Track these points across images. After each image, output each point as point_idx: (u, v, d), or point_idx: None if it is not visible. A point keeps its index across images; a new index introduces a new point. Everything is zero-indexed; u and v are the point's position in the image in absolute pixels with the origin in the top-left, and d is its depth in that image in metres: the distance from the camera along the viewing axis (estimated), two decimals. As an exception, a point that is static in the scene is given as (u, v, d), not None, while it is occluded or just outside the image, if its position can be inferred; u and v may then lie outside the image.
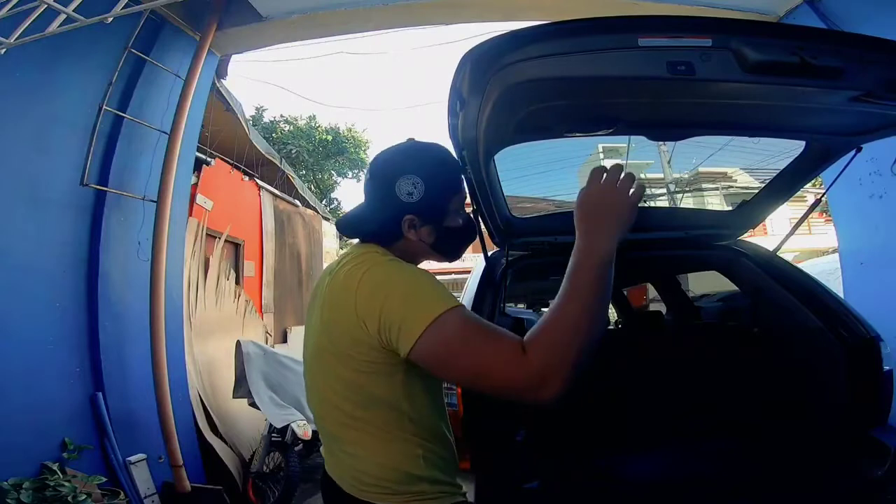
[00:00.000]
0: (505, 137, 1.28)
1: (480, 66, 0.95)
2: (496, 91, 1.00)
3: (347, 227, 0.96)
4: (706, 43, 0.93)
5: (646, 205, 1.36)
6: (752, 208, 1.93)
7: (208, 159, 4.12)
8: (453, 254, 0.97)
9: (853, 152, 1.46)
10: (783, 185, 1.77)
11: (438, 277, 0.84)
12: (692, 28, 0.95)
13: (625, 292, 4.62)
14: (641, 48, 0.93)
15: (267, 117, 12.90)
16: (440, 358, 0.73)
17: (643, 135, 1.43)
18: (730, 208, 2.09)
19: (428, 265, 0.97)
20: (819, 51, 0.91)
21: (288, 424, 2.92)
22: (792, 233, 1.89)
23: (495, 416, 1.44)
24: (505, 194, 1.68)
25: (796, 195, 1.86)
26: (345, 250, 0.92)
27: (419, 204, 0.86)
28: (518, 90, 1.00)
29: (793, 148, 1.59)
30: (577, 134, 1.32)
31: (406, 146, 0.94)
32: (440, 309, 0.72)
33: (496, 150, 1.35)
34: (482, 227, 1.68)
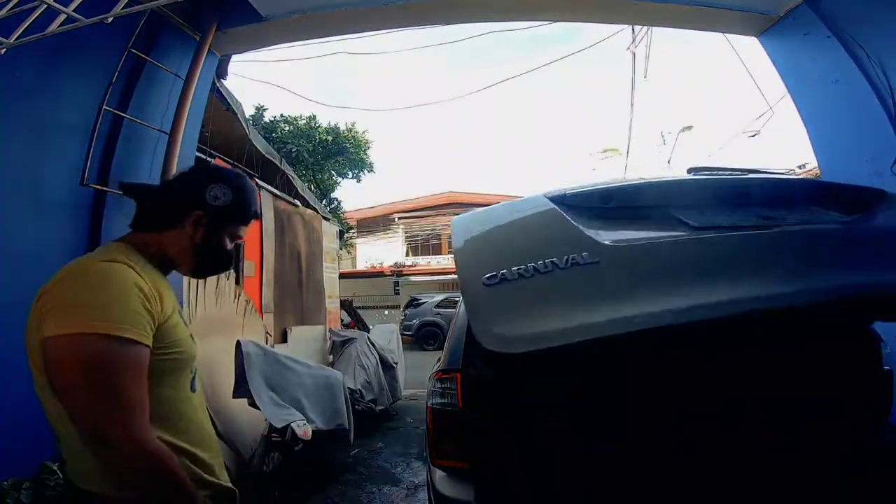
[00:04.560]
0: None
1: None
2: None
3: (135, 189, 1.03)
4: None
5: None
6: None
7: (208, 159, 4.12)
8: (205, 268, 1.05)
9: None
10: None
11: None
12: None
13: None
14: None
15: (267, 117, 12.88)
16: (62, 376, 0.78)
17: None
18: None
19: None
20: None
21: (288, 424, 2.93)
22: None
23: (496, 416, 1.44)
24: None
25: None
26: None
27: (215, 209, 0.97)
28: None
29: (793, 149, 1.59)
30: None
31: (235, 171, 1.07)
32: (102, 328, 0.76)
33: None
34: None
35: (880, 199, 1.28)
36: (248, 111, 11.61)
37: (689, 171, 1.48)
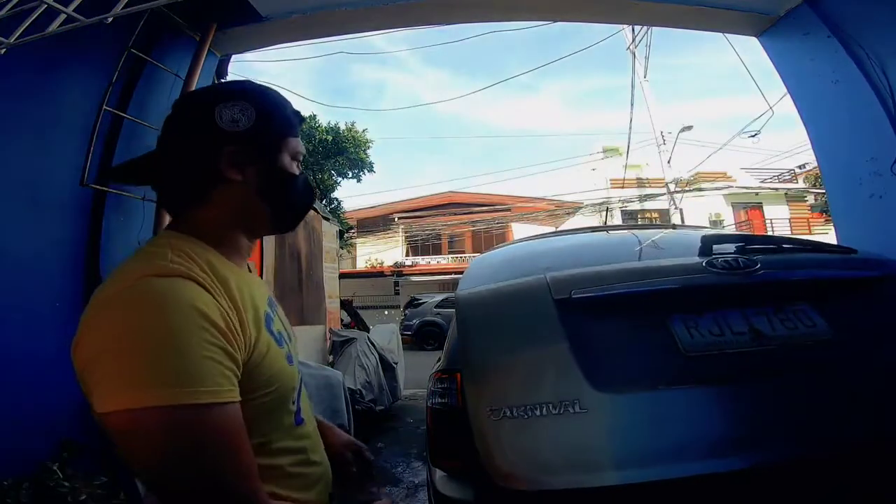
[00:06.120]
0: None
1: None
2: None
3: (126, 170, 0.74)
4: None
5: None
6: None
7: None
8: (289, 210, 0.74)
9: None
10: None
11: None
12: None
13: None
14: None
15: (267, 117, 12.85)
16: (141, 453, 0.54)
17: None
18: None
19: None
20: None
21: (288, 424, 2.93)
22: None
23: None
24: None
25: (796, 194, 1.85)
26: None
27: (247, 133, 0.66)
28: None
29: (793, 149, 1.60)
30: None
31: (236, 81, 0.76)
32: (163, 398, 0.52)
33: None
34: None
35: (868, 287, 1.36)
36: (248, 111, 11.55)
37: (704, 242, 1.47)
